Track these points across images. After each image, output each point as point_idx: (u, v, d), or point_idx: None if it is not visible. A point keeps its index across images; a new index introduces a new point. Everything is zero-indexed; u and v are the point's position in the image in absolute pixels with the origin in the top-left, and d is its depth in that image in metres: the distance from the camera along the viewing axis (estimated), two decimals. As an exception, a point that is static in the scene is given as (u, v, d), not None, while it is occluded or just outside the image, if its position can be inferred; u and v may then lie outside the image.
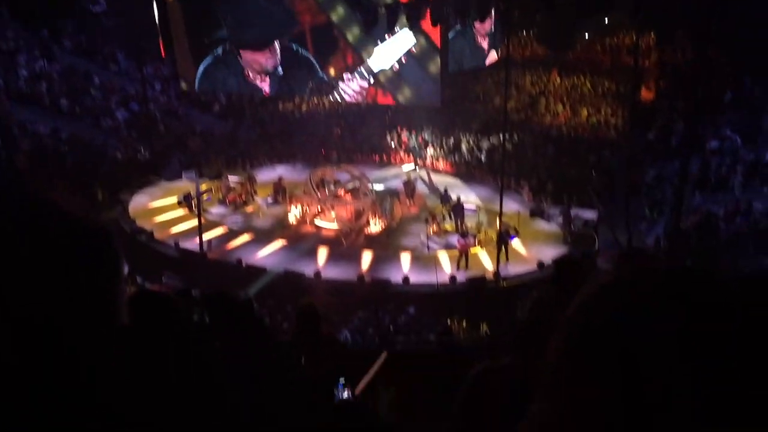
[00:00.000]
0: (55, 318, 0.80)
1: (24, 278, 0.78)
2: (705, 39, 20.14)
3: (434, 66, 26.68)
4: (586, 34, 33.93)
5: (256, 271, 20.28)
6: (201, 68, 28.94)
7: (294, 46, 27.98)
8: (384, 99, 28.63)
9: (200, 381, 1.11)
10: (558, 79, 31.97)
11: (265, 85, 28.70)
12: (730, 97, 26.15)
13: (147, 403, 0.92)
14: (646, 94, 28.02)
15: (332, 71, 28.48)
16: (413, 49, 26.60)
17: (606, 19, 34.47)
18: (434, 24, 25.63)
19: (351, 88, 28.07)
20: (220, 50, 28.33)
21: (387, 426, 3.98)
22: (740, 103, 25.75)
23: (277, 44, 27.74)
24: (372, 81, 27.70)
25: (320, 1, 27.40)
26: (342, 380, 3.99)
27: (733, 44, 26.71)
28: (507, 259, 20.75)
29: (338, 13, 27.47)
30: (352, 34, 27.53)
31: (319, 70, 28.08)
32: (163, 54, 31.04)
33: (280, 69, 28.05)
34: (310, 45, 28.26)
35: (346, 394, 3.94)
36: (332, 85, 28.29)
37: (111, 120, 29.07)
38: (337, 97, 28.91)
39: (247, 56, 28.07)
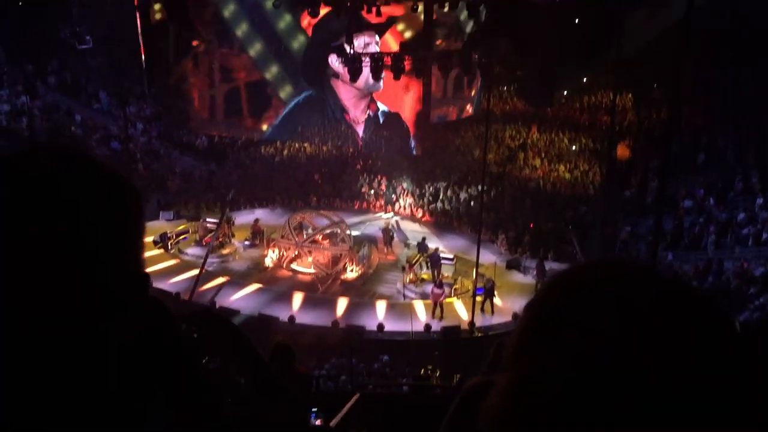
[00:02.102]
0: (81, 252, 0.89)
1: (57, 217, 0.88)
2: (679, 100, 20.71)
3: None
4: (565, 92, 34.77)
5: (230, 314, 20.06)
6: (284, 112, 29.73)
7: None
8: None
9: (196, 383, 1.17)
10: (537, 134, 32.54)
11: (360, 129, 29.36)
12: (703, 159, 26.76)
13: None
14: (622, 152, 28.57)
15: (264, 126, 30.37)
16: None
17: (584, 78, 35.45)
18: (417, 76, 26.14)
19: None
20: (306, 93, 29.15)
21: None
22: (713, 164, 26.36)
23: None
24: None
25: (255, 60, 28.90)
26: (315, 409, 4.00)
27: (707, 105, 27.56)
28: (492, 311, 20.85)
29: (272, 72, 28.99)
30: (285, 91, 29.11)
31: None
32: (147, 90, 31.37)
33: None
34: (244, 100, 30.12)
35: (318, 423, 3.95)
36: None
37: (91, 157, 28.99)
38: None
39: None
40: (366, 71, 26.55)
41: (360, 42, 27.34)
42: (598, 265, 0.77)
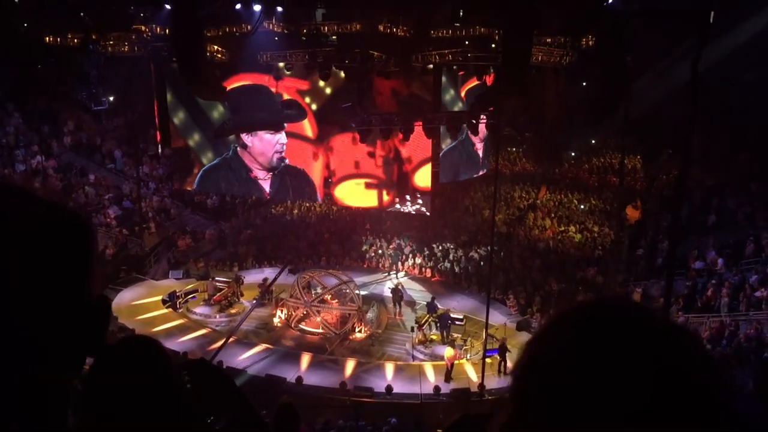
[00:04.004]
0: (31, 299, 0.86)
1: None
2: (688, 161, 20.76)
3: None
4: (573, 153, 35.07)
5: (237, 374, 19.84)
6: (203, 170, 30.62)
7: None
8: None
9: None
10: (546, 195, 32.66)
11: (266, 185, 30.04)
12: (714, 220, 26.68)
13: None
14: (632, 213, 28.56)
15: (188, 187, 31.58)
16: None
17: (593, 140, 35.79)
18: (428, 137, 26.40)
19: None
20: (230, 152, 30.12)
21: None
22: (724, 226, 26.25)
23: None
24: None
25: (179, 128, 30.38)
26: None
27: (717, 165, 27.62)
28: (505, 372, 20.45)
29: (194, 139, 30.48)
30: (206, 157, 30.46)
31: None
32: (160, 152, 31.98)
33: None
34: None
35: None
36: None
37: (103, 217, 29.17)
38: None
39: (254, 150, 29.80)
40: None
41: None
42: (593, 305, 0.85)
